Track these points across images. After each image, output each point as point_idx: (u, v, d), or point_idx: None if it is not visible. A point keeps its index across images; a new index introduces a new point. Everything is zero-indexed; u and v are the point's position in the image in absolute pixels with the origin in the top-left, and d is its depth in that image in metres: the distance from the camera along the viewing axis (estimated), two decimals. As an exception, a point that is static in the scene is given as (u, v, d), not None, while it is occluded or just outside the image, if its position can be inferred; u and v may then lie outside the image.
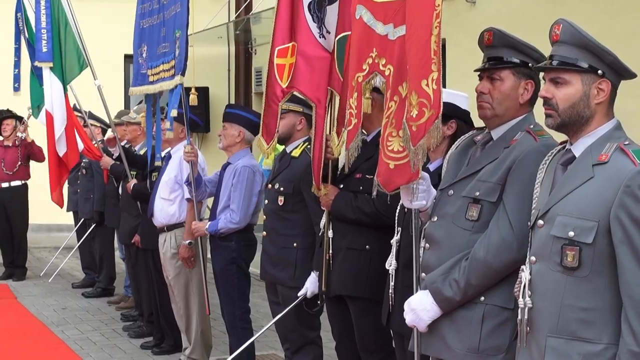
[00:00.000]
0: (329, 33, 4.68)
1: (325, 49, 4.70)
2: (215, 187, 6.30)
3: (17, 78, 8.52)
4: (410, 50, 3.43)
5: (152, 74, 6.54)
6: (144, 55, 6.78)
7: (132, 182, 7.59)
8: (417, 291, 3.53)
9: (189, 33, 5.96)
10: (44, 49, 8.00)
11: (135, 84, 7.02)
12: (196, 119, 6.77)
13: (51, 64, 8.00)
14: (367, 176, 4.63)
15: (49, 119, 8.27)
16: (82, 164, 9.80)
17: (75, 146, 8.51)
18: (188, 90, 6.03)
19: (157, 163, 6.88)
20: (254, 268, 6.14)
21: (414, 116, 3.37)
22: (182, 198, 6.64)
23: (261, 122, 4.88)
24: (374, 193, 3.66)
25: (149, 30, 6.71)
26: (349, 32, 4.24)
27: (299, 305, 5.19)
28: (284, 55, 4.73)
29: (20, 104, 10.50)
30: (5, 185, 10.70)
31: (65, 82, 8.14)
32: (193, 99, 5.95)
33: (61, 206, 9.10)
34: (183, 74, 5.90)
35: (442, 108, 3.32)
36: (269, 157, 7.26)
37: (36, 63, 8.14)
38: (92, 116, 9.27)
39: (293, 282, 5.31)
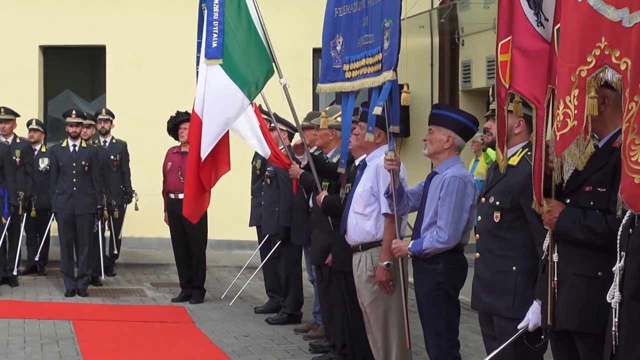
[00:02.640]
0: (547, 20, 4.65)
1: (544, 39, 4.67)
2: (418, 201, 6.36)
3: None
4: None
5: (351, 69, 6.68)
6: (339, 47, 6.92)
7: (323, 194, 7.76)
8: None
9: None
10: (214, 44, 8.20)
11: (324, 81, 7.18)
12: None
13: (220, 61, 8.21)
14: (599, 189, 4.56)
15: (196, 121, 8.47)
16: (267, 172, 10.12)
17: (227, 157, 8.67)
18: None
19: (340, 170, 7.03)
20: (465, 295, 6.14)
21: None
22: (379, 213, 6.75)
23: (497, 131, 4.96)
24: (619, 212, 3.60)
25: (347, 19, 6.86)
26: None
27: (518, 340, 5.15)
28: (506, 51, 4.75)
29: (191, 98, 10.97)
30: (182, 196, 11.04)
31: (249, 84, 8.28)
32: (406, 98, 6.01)
33: (193, 222, 9.29)
34: (395, 70, 6.00)
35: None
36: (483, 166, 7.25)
37: (205, 61, 8.36)
38: (278, 119, 9.53)
39: (512, 312, 5.28)
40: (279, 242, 10.07)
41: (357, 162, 7.21)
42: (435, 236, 6.01)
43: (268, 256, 10.37)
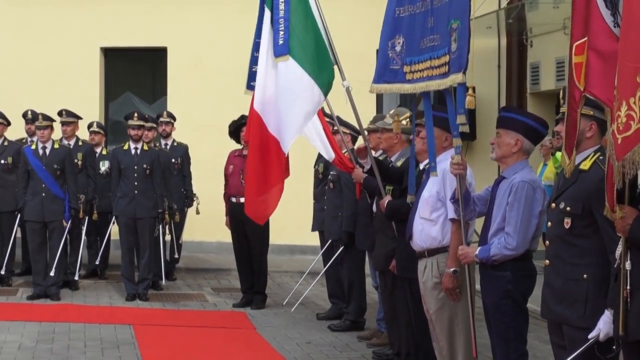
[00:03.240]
0: (625, 21, 4.63)
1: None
2: (485, 206, 6.33)
3: (254, 76, 8.89)
4: None
5: (412, 70, 6.66)
6: (398, 48, 6.91)
7: (387, 198, 7.76)
8: None
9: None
10: (281, 41, 8.26)
11: (379, 81, 7.16)
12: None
13: (287, 57, 8.25)
14: (673, 195, 4.54)
15: (255, 119, 8.45)
16: (330, 176, 10.13)
17: (287, 163, 8.69)
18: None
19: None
20: (533, 303, 6.10)
21: None
22: (446, 218, 6.74)
23: (564, 134, 4.93)
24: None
25: (409, 19, 6.84)
26: None
27: (589, 351, 5.11)
28: (581, 52, 4.72)
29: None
30: (244, 200, 11.14)
31: (322, 80, 8.27)
32: (470, 101, 6.00)
33: (261, 223, 9.25)
34: (464, 72, 5.98)
35: None
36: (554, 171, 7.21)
37: (273, 59, 8.37)
38: (341, 122, 9.53)
39: (582, 321, 5.24)
40: (341, 248, 10.08)
41: (421, 166, 7.20)
42: (503, 242, 5.98)
43: (331, 262, 10.39)
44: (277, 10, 8.23)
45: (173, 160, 12.80)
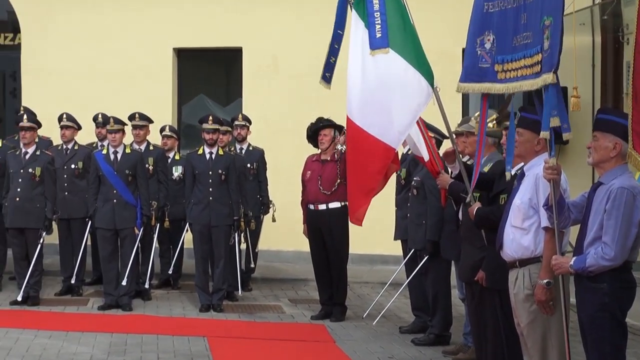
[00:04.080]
0: None
1: None
2: (581, 213, 6.28)
3: (330, 67, 8.93)
4: None
5: (504, 69, 6.63)
6: (487, 45, 6.88)
7: (476, 205, 7.70)
8: None
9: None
10: (378, 34, 8.30)
11: (467, 80, 7.14)
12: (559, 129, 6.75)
13: (387, 50, 8.27)
14: None
15: (349, 127, 8.48)
16: (414, 182, 10.09)
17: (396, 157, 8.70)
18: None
19: (508, 174, 6.97)
20: (632, 318, 6.01)
21: None
22: (539, 226, 6.68)
23: (630, 131, 4.83)
24: None
25: (500, 15, 6.81)
26: None
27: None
28: None
29: (332, 103, 10.92)
30: (322, 207, 11.24)
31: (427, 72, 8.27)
32: (576, 103, 5.97)
33: (360, 224, 9.27)
34: (555, 72, 5.94)
35: None
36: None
37: (370, 52, 8.42)
38: (426, 125, 9.48)
39: (684, 338, 5.17)
40: (426, 257, 10.03)
41: (513, 172, 7.14)
42: (600, 252, 5.92)
43: (414, 272, 10.33)
44: (371, 3, 8.25)
45: (248, 165, 12.82)
